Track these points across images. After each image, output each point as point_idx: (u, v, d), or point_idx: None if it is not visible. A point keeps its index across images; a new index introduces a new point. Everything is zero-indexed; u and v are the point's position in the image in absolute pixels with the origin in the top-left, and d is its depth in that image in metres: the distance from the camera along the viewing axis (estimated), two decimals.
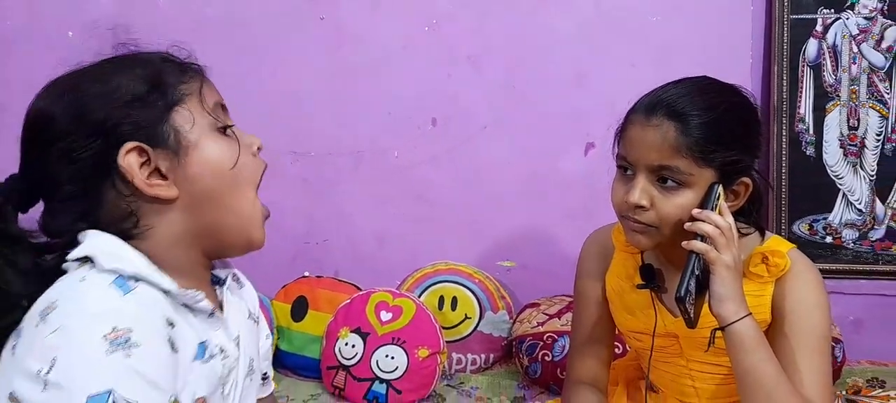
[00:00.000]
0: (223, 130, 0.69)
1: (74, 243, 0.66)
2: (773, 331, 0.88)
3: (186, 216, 0.67)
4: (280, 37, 1.67)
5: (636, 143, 0.86)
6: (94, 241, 0.64)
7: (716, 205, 0.84)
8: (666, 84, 0.89)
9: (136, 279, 0.62)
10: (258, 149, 0.73)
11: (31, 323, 0.60)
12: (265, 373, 0.87)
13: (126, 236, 0.66)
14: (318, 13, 1.66)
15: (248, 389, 0.75)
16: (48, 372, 0.55)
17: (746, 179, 0.88)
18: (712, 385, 0.97)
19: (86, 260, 0.63)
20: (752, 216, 0.93)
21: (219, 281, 0.76)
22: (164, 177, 0.65)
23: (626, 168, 0.89)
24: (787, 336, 0.86)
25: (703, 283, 0.84)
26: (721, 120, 0.85)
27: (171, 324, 0.63)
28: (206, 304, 0.67)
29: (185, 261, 0.68)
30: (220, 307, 0.74)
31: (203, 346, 0.67)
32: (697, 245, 0.82)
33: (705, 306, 0.84)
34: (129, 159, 0.64)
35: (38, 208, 0.70)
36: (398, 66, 1.66)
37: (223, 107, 0.72)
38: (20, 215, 0.69)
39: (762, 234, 0.94)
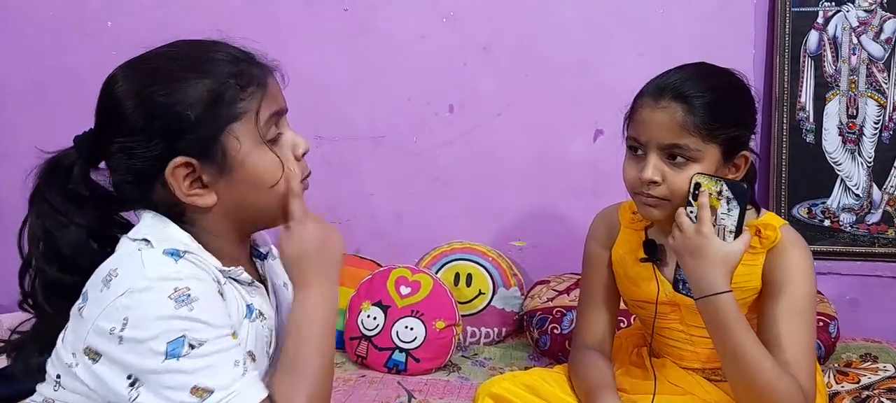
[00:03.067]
0: (273, 142, 0.73)
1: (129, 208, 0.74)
2: (763, 298, 0.96)
3: (224, 215, 0.74)
4: (306, 27, 1.74)
5: (647, 124, 0.94)
6: (150, 224, 0.72)
7: (696, 196, 0.91)
8: (669, 70, 0.97)
9: (185, 252, 0.70)
10: (303, 153, 0.76)
11: (94, 288, 0.68)
12: None
13: (175, 218, 0.74)
14: (341, 5, 1.73)
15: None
16: (122, 330, 0.65)
17: (746, 153, 0.96)
18: (709, 348, 1.03)
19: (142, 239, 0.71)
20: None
21: (261, 256, 0.85)
22: (205, 186, 0.72)
23: (636, 148, 0.97)
24: (776, 302, 0.94)
25: None
26: (722, 99, 0.93)
27: (219, 282, 0.72)
28: (245, 276, 0.76)
29: (225, 246, 0.76)
30: (263, 279, 0.82)
31: (250, 308, 0.76)
32: (669, 241, 0.93)
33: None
34: (176, 173, 0.70)
35: None
36: (417, 55, 1.73)
37: (278, 113, 0.74)
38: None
39: (758, 210, 1.02)
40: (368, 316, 1.54)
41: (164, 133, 0.70)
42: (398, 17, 1.73)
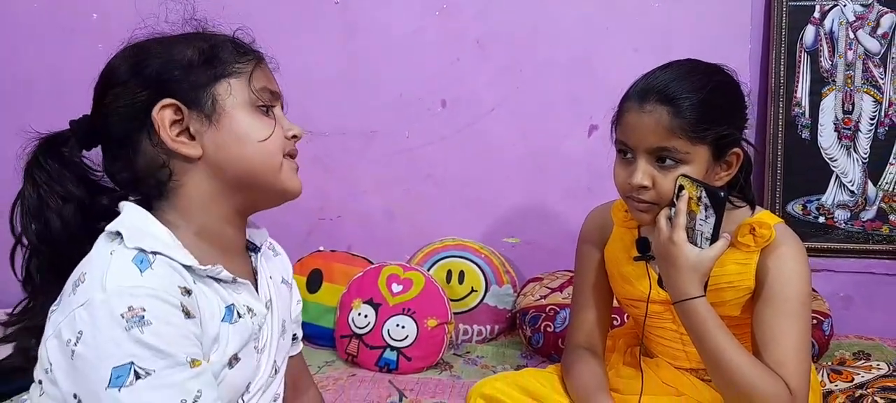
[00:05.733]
0: (263, 109, 0.74)
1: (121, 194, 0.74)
2: (756, 298, 0.95)
3: (212, 175, 0.72)
4: (296, 22, 1.71)
5: (633, 129, 0.92)
6: (125, 216, 0.71)
7: (678, 197, 0.91)
8: (654, 70, 0.95)
9: (155, 253, 0.67)
10: (294, 136, 0.77)
11: (67, 291, 0.67)
12: (295, 334, 0.94)
13: (162, 188, 0.72)
14: None
15: (281, 347, 0.83)
16: (76, 344, 0.63)
17: (737, 150, 0.95)
18: None
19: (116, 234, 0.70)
20: (744, 187, 0.99)
21: (255, 248, 0.83)
22: (192, 138, 0.72)
23: (625, 151, 0.95)
24: (767, 302, 0.93)
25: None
26: (709, 99, 0.91)
27: (188, 292, 0.68)
28: (225, 274, 0.72)
29: (216, 221, 0.74)
30: (255, 272, 0.81)
31: (230, 309, 0.73)
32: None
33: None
34: (162, 114, 0.70)
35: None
36: (409, 50, 1.71)
37: (272, 93, 0.76)
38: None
39: (753, 208, 1.01)
40: (359, 314, 1.53)
41: (154, 78, 0.71)
42: (390, 11, 1.70)
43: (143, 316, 0.63)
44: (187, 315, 0.67)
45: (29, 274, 0.73)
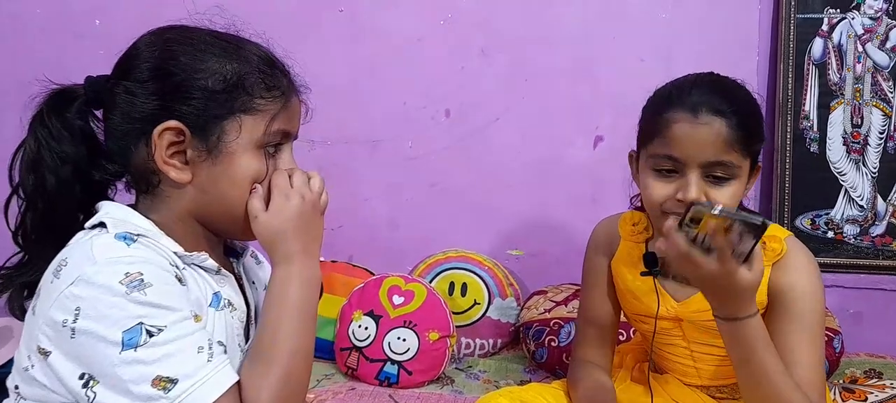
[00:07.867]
0: (269, 150, 0.72)
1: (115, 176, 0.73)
2: (769, 312, 0.93)
3: (196, 200, 0.72)
4: (300, 29, 1.71)
5: (687, 142, 0.88)
6: (106, 211, 0.70)
7: (688, 216, 0.81)
8: (682, 81, 0.93)
9: (140, 236, 0.67)
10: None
11: (46, 282, 0.65)
12: None
13: (150, 189, 0.71)
14: (336, 6, 1.71)
15: None
16: (75, 321, 0.61)
17: (759, 163, 0.96)
18: (712, 366, 1.01)
19: (97, 226, 0.69)
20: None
21: (236, 254, 0.82)
22: (186, 162, 0.70)
23: (666, 167, 0.90)
24: (781, 317, 0.91)
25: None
26: (751, 113, 0.92)
27: (177, 267, 0.67)
28: (210, 263, 0.72)
29: (189, 234, 0.73)
30: (238, 277, 0.79)
31: (217, 296, 0.72)
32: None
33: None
34: (163, 135, 0.68)
35: None
36: (413, 58, 1.71)
37: (288, 135, 0.74)
38: None
39: None
40: (360, 326, 1.51)
41: (171, 92, 0.69)
42: (395, 19, 1.70)
43: (142, 279, 0.62)
44: (180, 282, 0.66)
45: (22, 227, 0.72)
